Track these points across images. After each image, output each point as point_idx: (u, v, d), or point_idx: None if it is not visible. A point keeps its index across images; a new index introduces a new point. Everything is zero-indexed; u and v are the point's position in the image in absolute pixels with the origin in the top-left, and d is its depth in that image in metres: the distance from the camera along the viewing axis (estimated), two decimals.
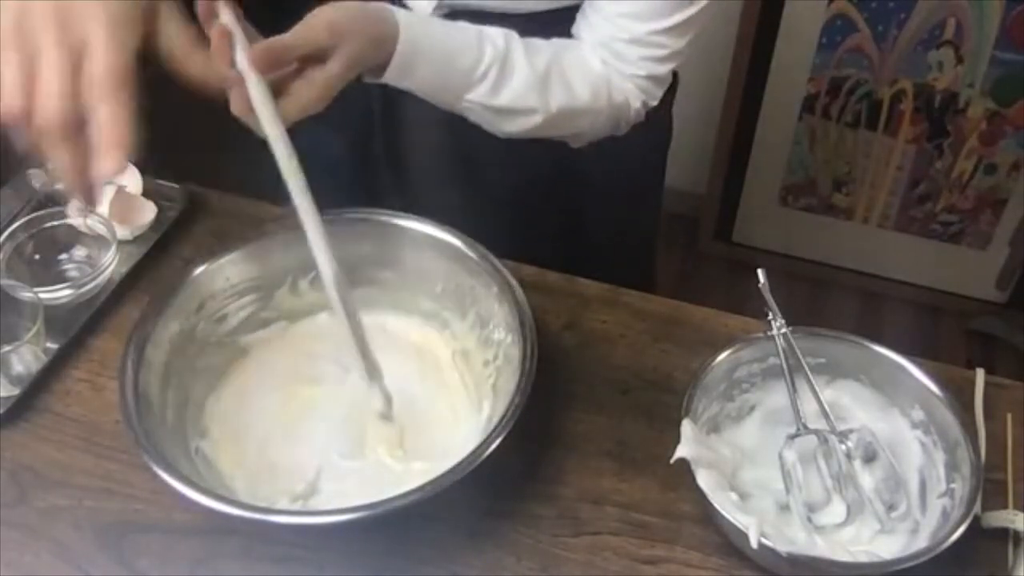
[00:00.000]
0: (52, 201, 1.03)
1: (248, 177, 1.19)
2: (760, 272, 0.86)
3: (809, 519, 0.79)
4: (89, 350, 0.93)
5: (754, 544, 0.72)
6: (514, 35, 0.92)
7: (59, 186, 1.04)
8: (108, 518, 0.81)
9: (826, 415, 0.83)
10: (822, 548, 0.76)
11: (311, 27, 0.78)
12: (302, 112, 0.77)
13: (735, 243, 2.31)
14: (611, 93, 0.96)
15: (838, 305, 2.24)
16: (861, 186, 2.16)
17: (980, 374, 0.93)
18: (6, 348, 0.87)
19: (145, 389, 0.79)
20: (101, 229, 0.98)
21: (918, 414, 0.83)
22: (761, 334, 0.85)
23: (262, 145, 0.75)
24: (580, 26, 0.97)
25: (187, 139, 2.37)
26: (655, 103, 1.00)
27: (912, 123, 2.03)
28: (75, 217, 0.99)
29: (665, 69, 0.97)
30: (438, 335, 0.93)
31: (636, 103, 0.98)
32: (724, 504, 0.75)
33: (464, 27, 0.91)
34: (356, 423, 0.86)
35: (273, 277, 0.91)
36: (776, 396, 0.86)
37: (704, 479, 0.76)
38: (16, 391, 0.87)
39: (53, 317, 0.92)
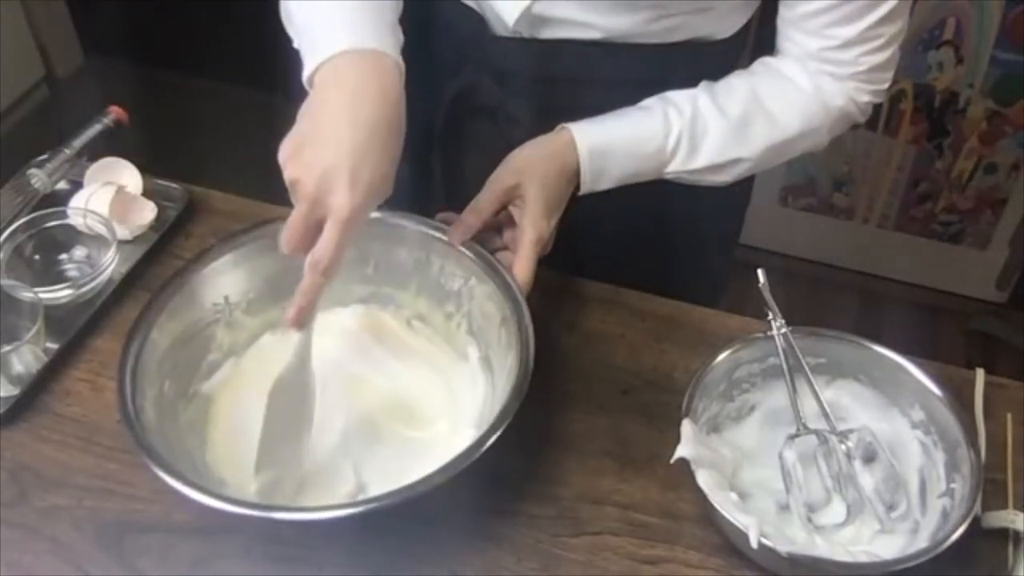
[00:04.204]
0: (52, 201, 1.03)
1: (248, 177, 1.20)
2: (760, 272, 0.86)
3: (809, 519, 0.79)
4: (89, 350, 0.93)
5: (754, 544, 0.72)
6: (703, 90, 0.92)
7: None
8: (108, 518, 0.81)
9: (826, 415, 0.83)
10: (822, 548, 0.76)
11: (494, 176, 0.87)
12: (533, 268, 0.85)
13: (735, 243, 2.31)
14: (827, 104, 0.92)
15: (838, 305, 2.24)
16: (861, 186, 2.16)
17: (980, 374, 0.93)
18: (6, 348, 0.87)
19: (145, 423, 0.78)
20: (101, 229, 0.98)
21: (918, 414, 0.83)
22: (761, 334, 0.85)
23: (262, 145, 0.76)
24: (782, 42, 0.93)
25: (187, 139, 2.38)
26: (887, 85, 0.94)
27: (912, 123, 2.03)
28: (75, 217, 0.99)
29: (887, 55, 0.91)
30: (383, 310, 0.93)
31: (863, 97, 0.93)
32: (724, 504, 0.75)
33: (646, 105, 0.92)
34: (362, 414, 0.86)
35: (203, 318, 0.87)
36: (776, 396, 0.86)
37: (704, 479, 0.76)
38: (16, 391, 0.87)
39: (53, 317, 0.92)
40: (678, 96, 0.92)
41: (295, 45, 0.83)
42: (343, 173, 0.71)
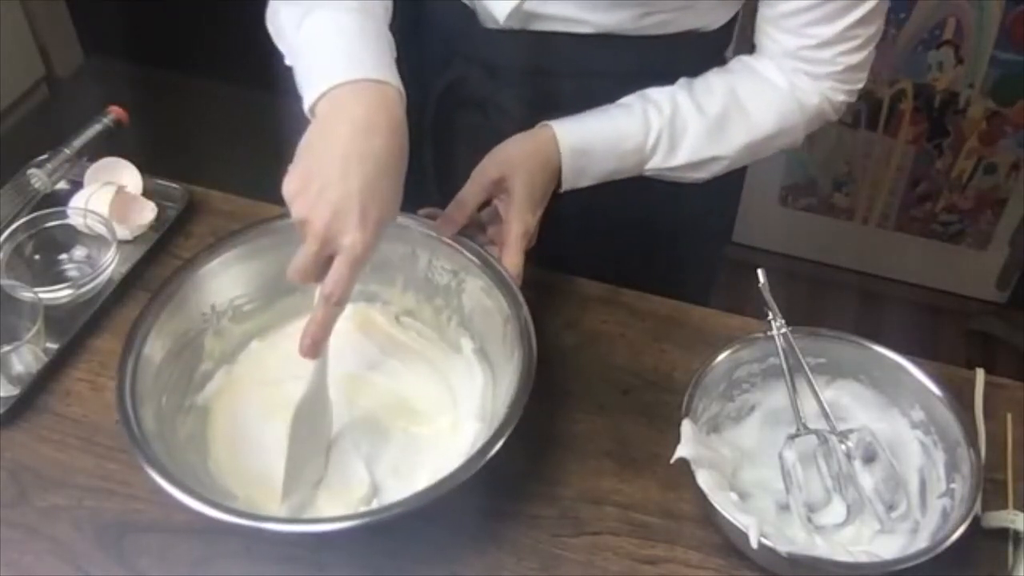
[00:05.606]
0: (52, 201, 1.03)
1: (248, 177, 1.20)
2: (760, 272, 0.86)
3: (809, 519, 0.79)
4: (89, 350, 0.93)
5: (754, 544, 0.72)
6: (682, 88, 0.93)
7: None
8: (108, 518, 0.81)
9: (826, 415, 0.83)
10: (822, 548, 0.76)
11: (479, 170, 0.88)
12: (521, 261, 0.86)
13: (735, 243, 2.31)
14: (802, 103, 0.93)
15: (838, 305, 2.24)
16: (861, 186, 2.16)
17: (980, 374, 0.93)
18: (6, 348, 0.87)
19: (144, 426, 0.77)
20: (101, 229, 0.98)
21: (918, 414, 0.83)
22: (761, 334, 0.85)
23: (262, 145, 0.76)
24: (761, 39, 0.94)
25: (187, 139, 2.38)
26: (862, 85, 0.95)
27: (912, 123, 2.03)
28: (75, 217, 0.99)
29: (862, 56, 0.92)
30: (370, 307, 0.93)
31: (838, 96, 0.94)
32: (724, 504, 0.75)
33: (626, 103, 0.92)
34: (365, 413, 0.86)
35: (192, 328, 0.87)
36: (776, 396, 0.86)
37: (704, 479, 0.76)
38: (16, 391, 0.87)
39: (53, 317, 0.92)
40: (657, 94, 0.93)
41: (287, 62, 0.82)
42: (353, 212, 0.71)
